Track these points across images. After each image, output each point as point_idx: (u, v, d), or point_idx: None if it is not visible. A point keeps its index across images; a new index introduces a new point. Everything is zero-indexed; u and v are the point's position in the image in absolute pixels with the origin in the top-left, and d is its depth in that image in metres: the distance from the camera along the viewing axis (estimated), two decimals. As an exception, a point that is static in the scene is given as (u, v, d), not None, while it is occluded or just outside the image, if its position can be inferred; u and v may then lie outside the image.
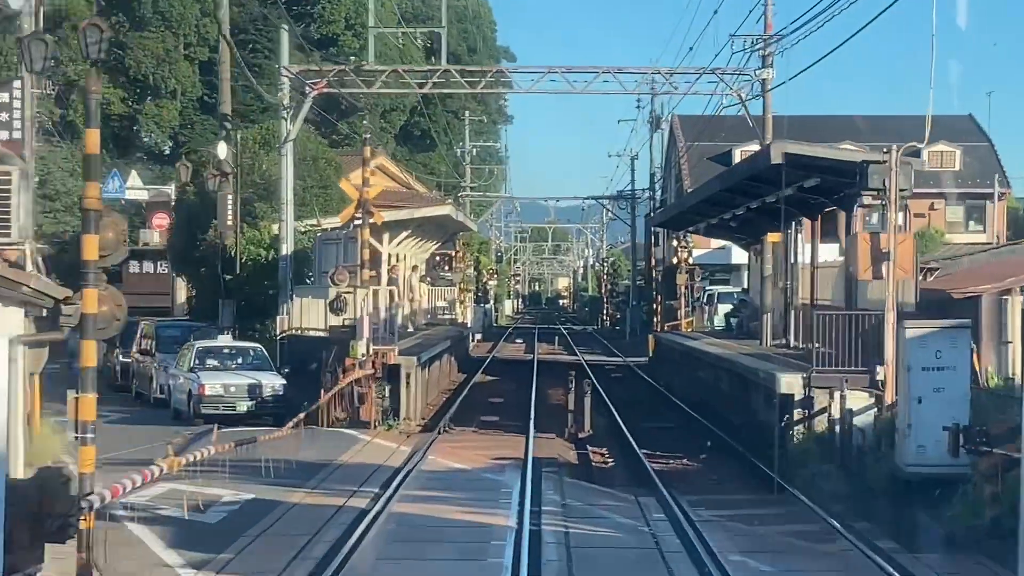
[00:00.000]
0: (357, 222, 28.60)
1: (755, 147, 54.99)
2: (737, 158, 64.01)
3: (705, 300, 60.84)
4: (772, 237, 35.66)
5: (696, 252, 66.02)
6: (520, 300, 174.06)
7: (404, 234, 37.84)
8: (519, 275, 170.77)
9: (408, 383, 27.58)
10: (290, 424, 21.94)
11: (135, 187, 55.48)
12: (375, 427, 25.90)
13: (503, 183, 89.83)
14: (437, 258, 52.65)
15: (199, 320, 39.59)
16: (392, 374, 27.56)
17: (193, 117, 75.51)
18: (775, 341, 35.81)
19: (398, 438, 25.15)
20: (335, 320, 29.68)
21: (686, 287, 53.35)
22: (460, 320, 53.56)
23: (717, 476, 21.80)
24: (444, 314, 51.30)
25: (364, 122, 29.18)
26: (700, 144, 64.47)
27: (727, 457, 23.74)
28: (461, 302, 61.37)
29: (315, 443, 22.40)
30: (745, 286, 67.74)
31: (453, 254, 53.07)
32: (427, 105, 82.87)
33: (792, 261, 35.52)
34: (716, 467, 22.80)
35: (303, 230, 36.72)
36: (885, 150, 23.01)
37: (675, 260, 54.25)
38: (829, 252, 39.22)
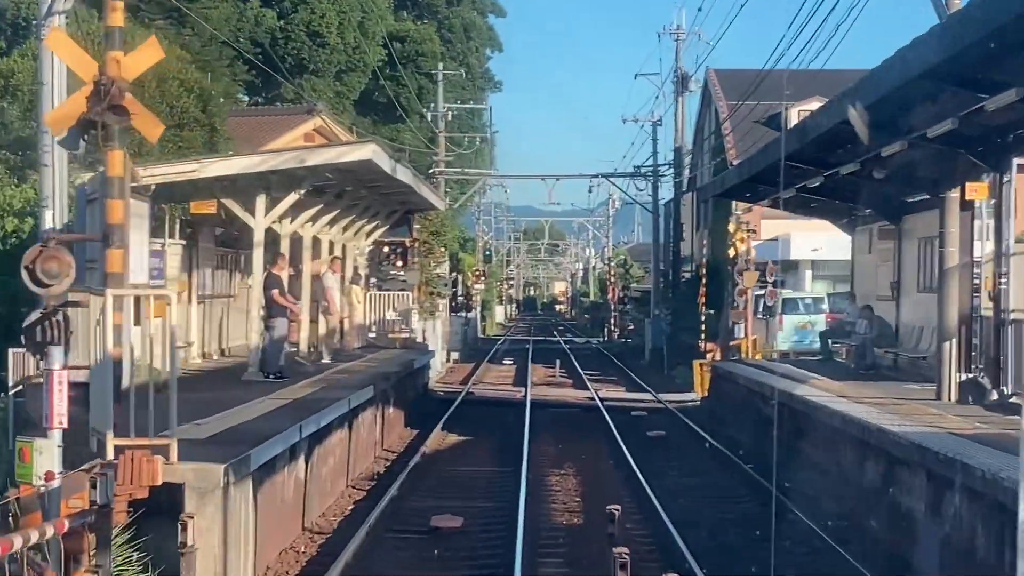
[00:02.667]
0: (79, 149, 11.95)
1: (815, 104, 39.36)
2: (793, 119, 48.33)
3: (762, 310, 44.39)
4: (975, 190, 18.97)
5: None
6: (514, 306, 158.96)
7: (293, 197, 21.19)
8: (512, 279, 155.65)
9: (184, 530, 10.80)
10: None
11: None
12: None
13: (490, 164, 72.33)
14: (385, 249, 36.00)
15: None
16: (166, 507, 10.91)
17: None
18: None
19: None
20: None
21: (747, 293, 36.81)
22: (419, 338, 36.83)
23: None
24: (398, 330, 34.57)
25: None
26: (742, 108, 47.96)
27: None
28: (428, 312, 44.64)
29: None
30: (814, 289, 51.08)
31: (408, 243, 36.42)
32: (394, 66, 66.33)
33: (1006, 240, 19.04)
34: None
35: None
36: None
37: (731, 253, 37.65)
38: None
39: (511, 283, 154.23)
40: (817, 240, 49.96)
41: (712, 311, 51.72)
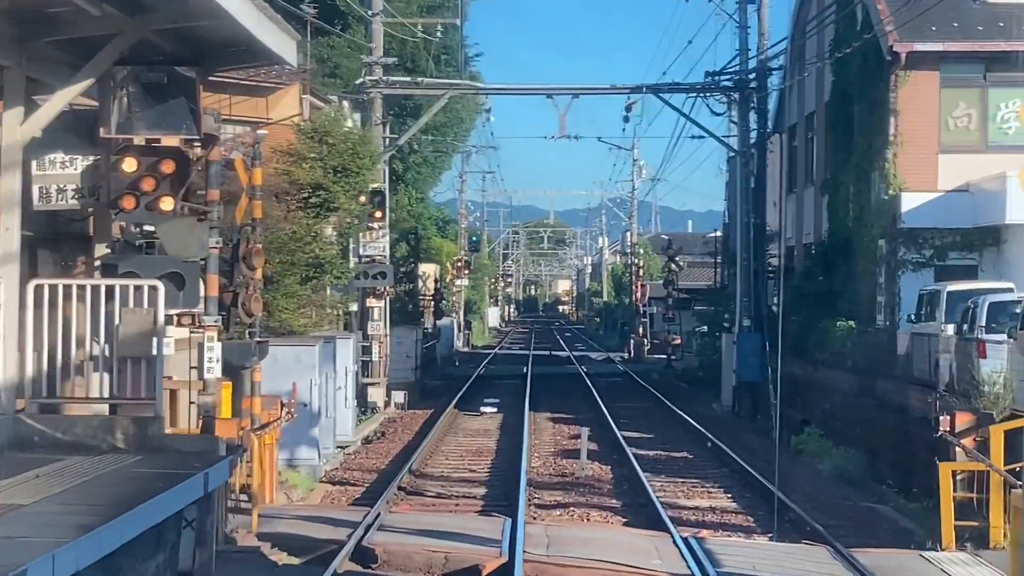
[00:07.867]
0: None
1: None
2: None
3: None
4: None
5: (909, 201, 28.50)
6: (513, 306, 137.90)
7: None
8: (511, 275, 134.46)
9: None
10: None
11: None
12: None
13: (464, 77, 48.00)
14: (129, 165, 12.54)
15: None
16: None
17: None
18: None
19: None
20: None
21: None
22: (215, 399, 13.97)
23: None
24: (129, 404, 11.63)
25: None
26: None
27: None
28: (295, 330, 22.12)
29: None
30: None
31: (191, 151, 13.16)
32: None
33: None
34: None
35: None
36: None
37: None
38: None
39: (509, 280, 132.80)
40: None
41: (850, 322, 29.01)
